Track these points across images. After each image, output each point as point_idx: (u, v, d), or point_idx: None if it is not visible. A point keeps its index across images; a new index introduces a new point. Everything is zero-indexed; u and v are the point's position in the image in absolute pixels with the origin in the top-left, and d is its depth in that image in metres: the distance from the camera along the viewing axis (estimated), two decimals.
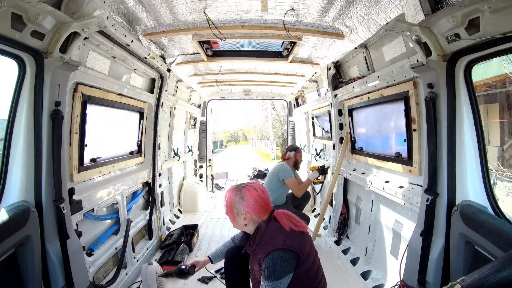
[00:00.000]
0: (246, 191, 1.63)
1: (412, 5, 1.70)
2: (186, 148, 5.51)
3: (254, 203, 1.61)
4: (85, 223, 2.30)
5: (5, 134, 1.66)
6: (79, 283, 1.88)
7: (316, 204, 5.11)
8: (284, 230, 1.55)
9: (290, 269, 1.50)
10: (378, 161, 2.90)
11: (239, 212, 1.62)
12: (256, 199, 1.62)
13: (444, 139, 1.74)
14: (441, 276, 1.76)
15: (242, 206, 1.61)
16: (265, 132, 32.54)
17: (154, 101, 3.43)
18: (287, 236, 1.52)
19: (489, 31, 1.38)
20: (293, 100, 6.16)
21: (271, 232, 1.57)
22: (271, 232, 1.57)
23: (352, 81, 3.13)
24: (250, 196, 1.61)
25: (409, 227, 2.25)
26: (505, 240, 1.32)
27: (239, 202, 1.61)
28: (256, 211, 1.61)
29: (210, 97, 6.11)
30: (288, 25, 2.44)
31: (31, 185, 1.70)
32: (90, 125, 2.29)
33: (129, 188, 2.95)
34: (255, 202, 1.61)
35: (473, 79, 1.69)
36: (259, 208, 1.61)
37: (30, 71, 1.65)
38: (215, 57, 3.41)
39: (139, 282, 2.69)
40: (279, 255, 1.48)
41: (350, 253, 3.30)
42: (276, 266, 1.47)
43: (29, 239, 1.61)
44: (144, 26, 2.42)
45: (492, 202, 1.65)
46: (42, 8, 1.51)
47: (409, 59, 2.21)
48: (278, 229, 1.57)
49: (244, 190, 1.63)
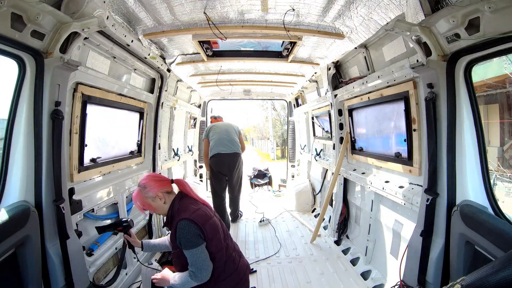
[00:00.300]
0: (142, 181, 1.83)
1: (412, 5, 1.70)
2: (186, 148, 5.51)
3: (154, 182, 1.80)
4: (85, 223, 2.30)
5: (5, 134, 1.66)
6: (79, 283, 1.88)
7: (316, 204, 5.11)
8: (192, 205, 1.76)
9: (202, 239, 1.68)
10: (378, 161, 2.90)
11: (152, 198, 1.78)
12: (152, 179, 1.82)
13: (444, 139, 1.74)
14: (441, 276, 1.77)
15: (149, 191, 1.78)
16: (265, 132, 32.55)
17: (154, 101, 3.43)
18: (193, 210, 1.71)
19: (489, 31, 1.38)
20: (293, 100, 6.16)
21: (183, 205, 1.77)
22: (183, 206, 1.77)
23: (352, 81, 3.13)
24: (147, 180, 1.81)
25: (409, 227, 2.25)
26: (505, 240, 1.32)
27: (145, 191, 1.78)
28: (160, 186, 1.80)
29: (210, 97, 6.11)
30: (288, 25, 2.44)
31: (31, 185, 1.69)
32: (90, 125, 2.29)
33: (129, 188, 2.95)
34: (153, 181, 1.81)
35: (473, 79, 1.69)
36: (159, 182, 1.82)
37: (30, 71, 1.65)
38: (215, 57, 3.41)
39: (139, 282, 2.69)
40: (185, 225, 1.66)
41: (350, 253, 3.30)
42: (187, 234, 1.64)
43: (29, 239, 1.61)
44: (144, 26, 2.42)
45: (492, 202, 1.65)
46: (42, 8, 1.51)
47: (409, 59, 2.21)
48: (189, 201, 1.80)
49: (141, 183, 1.82)
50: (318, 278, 2.91)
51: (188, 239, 1.64)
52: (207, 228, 1.70)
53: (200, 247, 1.66)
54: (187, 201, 1.81)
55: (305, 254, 3.45)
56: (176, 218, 1.72)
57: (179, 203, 1.79)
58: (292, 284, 2.82)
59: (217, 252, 1.74)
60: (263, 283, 2.85)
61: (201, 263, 1.65)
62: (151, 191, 1.78)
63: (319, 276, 2.94)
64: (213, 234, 1.73)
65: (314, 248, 3.60)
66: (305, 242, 3.79)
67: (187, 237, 1.65)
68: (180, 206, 1.77)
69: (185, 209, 1.74)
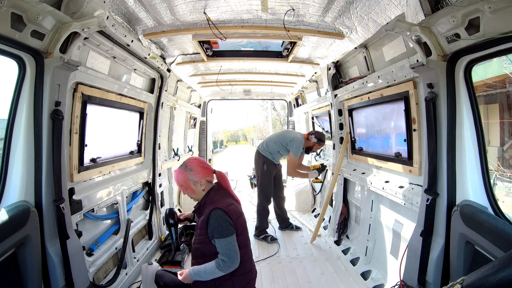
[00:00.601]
0: (190, 163, 1.90)
1: (412, 5, 1.70)
2: (186, 148, 5.51)
3: (200, 168, 1.89)
4: (85, 223, 2.30)
5: (5, 134, 1.66)
6: (79, 283, 1.88)
7: (316, 204, 5.11)
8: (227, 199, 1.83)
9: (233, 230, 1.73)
10: (378, 161, 2.90)
11: (195, 182, 1.86)
12: (200, 164, 1.90)
13: (444, 139, 1.74)
14: (441, 276, 1.77)
15: (194, 175, 1.86)
16: (265, 132, 32.57)
17: (154, 101, 3.43)
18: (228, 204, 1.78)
19: (489, 31, 1.38)
20: (293, 100, 6.16)
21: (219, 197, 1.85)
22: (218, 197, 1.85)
23: (352, 81, 3.13)
24: (195, 165, 1.89)
25: (409, 227, 2.25)
26: (505, 240, 1.32)
27: (190, 174, 1.87)
28: (205, 173, 1.89)
29: (210, 97, 6.11)
30: (288, 25, 2.44)
31: (31, 185, 1.70)
32: (90, 125, 2.29)
33: (129, 188, 2.95)
34: (200, 167, 1.89)
35: (473, 79, 1.69)
36: (205, 170, 1.90)
37: (30, 71, 1.65)
38: (215, 57, 3.40)
39: (139, 282, 2.69)
40: (220, 214, 1.72)
41: (350, 253, 3.30)
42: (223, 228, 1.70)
43: (29, 239, 1.61)
44: (144, 26, 2.42)
45: (492, 202, 1.65)
46: (42, 8, 1.51)
47: (409, 59, 2.21)
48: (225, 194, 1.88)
49: (188, 164, 1.90)
50: (318, 278, 2.91)
51: (224, 227, 1.70)
52: (238, 224, 1.77)
53: (233, 236, 1.72)
54: (223, 193, 1.89)
55: (305, 254, 3.45)
56: (210, 206, 1.77)
57: (215, 193, 1.87)
58: (292, 284, 2.82)
59: (241, 248, 1.77)
60: (264, 283, 2.85)
61: (234, 252, 1.70)
62: (196, 176, 1.86)
63: (319, 276, 2.94)
64: (242, 231, 1.81)
65: (314, 248, 3.60)
66: (305, 242, 3.79)
67: (223, 226, 1.70)
68: (216, 196, 1.85)
69: (220, 200, 1.81)
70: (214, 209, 1.73)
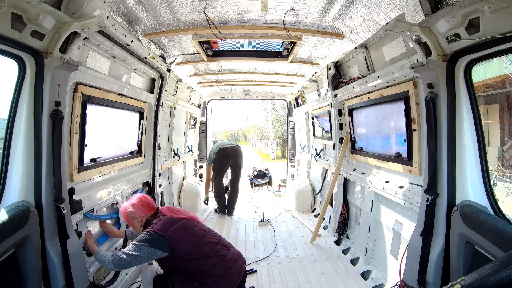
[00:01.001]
0: (134, 200, 2.15)
1: (412, 5, 1.70)
2: (186, 148, 5.51)
3: (141, 206, 2.12)
4: (85, 223, 2.30)
5: (5, 134, 1.66)
6: (79, 283, 1.88)
7: (316, 204, 5.11)
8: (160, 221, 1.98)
9: (155, 245, 1.86)
10: (378, 161, 2.90)
11: (133, 217, 2.10)
12: (141, 202, 2.14)
13: (444, 139, 1.74)
14: (441, 276, 1.77)
15: (133, 211, 2.09)
16: (265, 132, 32.56)
17: (154, 101, 3.43)
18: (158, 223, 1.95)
19: (489, 31, 1.39)
20: (293, 100, 6.16)
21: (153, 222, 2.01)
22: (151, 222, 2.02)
23: (352, 81, 3.13)
24: (137, 202, 2.13)
25: (409, 227, 2.25)
26: (505, 240, 1.33)
27: (131, 209, 2.10)
28: (143, 211, 2.11)
29: (210, 97, 6.11)
30: (288, 25, 2.44)
31: (31, 185, 1.70)
32: (90, 125, 2.29)
33: (129, 188, 2.95)
34: (141, 205, 2.13)
35: (473, 79, 1.69)
36: (145, 208, 2.12)
37: (30, 71, 1.65)
38: (215, 57, 3.40)
39: (139, 282, 2.69)
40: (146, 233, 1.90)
41: (350, 253, 3.30)
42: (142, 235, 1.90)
43: (29, 239, 1.61)
44: (144, 26, 2.42)
45: (492, 202, 1.65)
46: (42, 8, 1.51)
47: (409, 59, 2.21)
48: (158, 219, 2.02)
49: (132, 200, 2.15)
50: (318, 278, 2.91)
51: (142, 236, 1.89)
52: (171, 234, 1.89)
53: (144, 247, 1.84)
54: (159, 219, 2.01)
55: (305, 254, 3.45)
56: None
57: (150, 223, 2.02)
58: (292, 284, 2.82)
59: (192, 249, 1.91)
60: (263, 283, 2.85)
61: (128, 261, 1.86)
62: (134, 211, 2.09)
63: (319, 276, 2.95)
64: (182, 235, 1.93)
65: (314, 248, 3.60)
66: (305, 242, 3.79)
67: (142, 235, 1.90)
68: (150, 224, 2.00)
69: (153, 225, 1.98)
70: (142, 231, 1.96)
